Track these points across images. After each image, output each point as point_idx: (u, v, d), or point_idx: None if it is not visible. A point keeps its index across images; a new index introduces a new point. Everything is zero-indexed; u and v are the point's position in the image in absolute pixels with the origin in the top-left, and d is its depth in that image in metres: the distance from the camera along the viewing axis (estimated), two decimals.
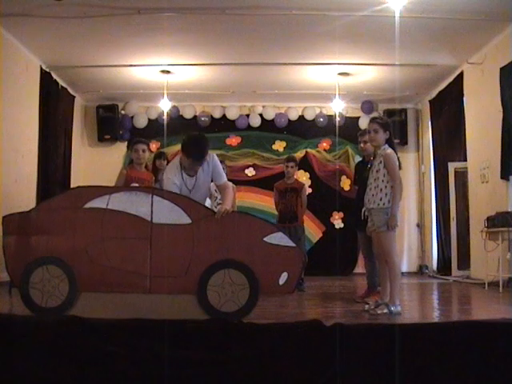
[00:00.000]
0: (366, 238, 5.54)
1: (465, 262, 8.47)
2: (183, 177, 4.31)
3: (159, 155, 6.33)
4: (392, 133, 4.79)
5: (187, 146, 4.29)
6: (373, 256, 5.45)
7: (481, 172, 7.78)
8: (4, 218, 4.06)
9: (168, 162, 6.45)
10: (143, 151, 5.36)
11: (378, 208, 4.58)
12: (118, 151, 10.13)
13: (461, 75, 8.40)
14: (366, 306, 4.74)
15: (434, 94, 9.64)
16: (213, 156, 4.44)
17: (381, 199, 4.58)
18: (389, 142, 4.72)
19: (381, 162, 4.65)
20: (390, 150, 4.65)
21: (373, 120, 4.84)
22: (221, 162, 6.20)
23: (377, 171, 4.66)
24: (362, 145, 5.76)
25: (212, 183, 4.68)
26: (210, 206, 4.82)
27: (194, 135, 4.52)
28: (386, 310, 4.47)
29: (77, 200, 4.00)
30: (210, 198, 5.58)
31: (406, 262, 10.48)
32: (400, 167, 4.73)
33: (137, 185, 5.08)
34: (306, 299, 6.02)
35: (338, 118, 9.76)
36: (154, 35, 7.20)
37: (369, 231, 4.82)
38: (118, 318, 3.10)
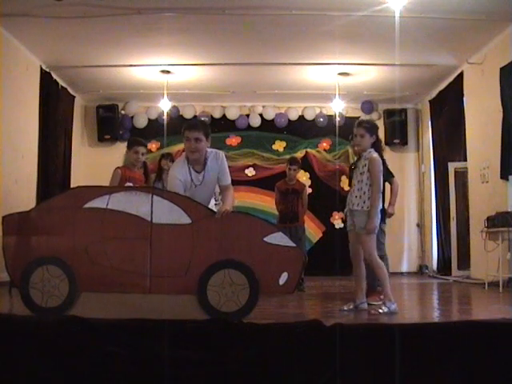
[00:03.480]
0: None
1: (465, 262, 8.47)
2: (190, 172, 4.24)
3: (166, 156, 6.43)
4: (378, 136, 4.83)
5: (184, 125, 4.30)
6: None
7: (481, 172, 7.77)
8: (4, 217, 4.06)
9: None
10: (142, 154, 5.40)
11: (362, 210, 4.63)
12: (117, 151, 10.09)
13: (461, 75, 8.40)
14: (345, 307, 4.75)
15: (434, 94, 9.64)
16: (222, 154, 4.37)
17: (364, 202, 4.63)
18: (375, 146, 4.75)
19: (365, 165, 4.68)
20: (375, 155, 4.67)
21: (359, 124, 4.85)
22: None
23: (361, 174, 4.69)
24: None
25: None
26: (213, 206, 4.79)
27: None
28: (385, 309, 4.48)
29: (77, 200, 4.00)
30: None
31: (406, 261, 10.49)
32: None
33: (131, 184, 5.10)
34: (305, 299, 6.02)
35: (337, 118, 9.76)
36: (154, 35, 7.19)
37: (348, 230, 4.88)
38: (118, 318, 3.10)
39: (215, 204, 5.53)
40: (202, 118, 10.23)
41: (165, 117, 9.64)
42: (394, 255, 4.93)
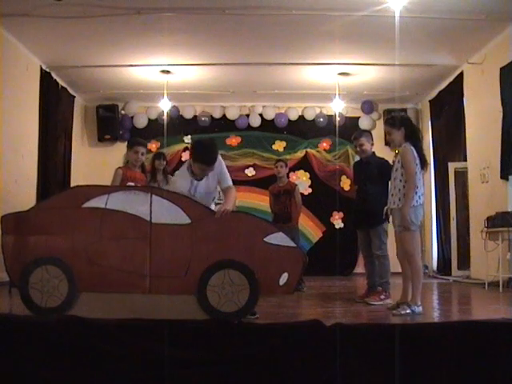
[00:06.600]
0: (366, 238, 5.55)
1: (465, 262, 8.47)
2: (192, 182, 4.24)
3: (158, 156, 6.32)
4: (410, 127, 4.66)
5: (197, 152, 4.22)
6: (372, 256, 5.46)
7: (481, 172, 7.77)
8: (3, 217, 4.05)
9: (167, 163, 6.45)
10: (142, 154, 5.38)
11: (398, 208, 4.54)
12: (117, 151, 10.09)
13: (461, 75, 8.40)
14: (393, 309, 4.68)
15: (433, 94, 9.63)
16: (220, 159, 4.35)
17: (399, 199, 4.53)
18: (409, 137, 4.60)
19: (398, 161, 4.60)
20: (406, 147, 4.55)
21: (384, 122, 4.83)
22: None
23: (396, 170, 4.62)
24: (357, 148, 5.75)
25: None
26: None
27: (204, 140, 4.50)
28: (408, 311, 4.43)
29: (75, 199, 3.99)
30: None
31: None
32: (426, 166, 4.62)
33: (132, 184, 5.09)
34: (305, 299, 6.01)
35: (338, 118, 9.75)
36: (154, 35, 7.19)
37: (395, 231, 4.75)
38: (118, 318, 3.10)
39: (216, 204, 5.53)
40: (203, 118, 10.27)
41: (165, 117, 9.63)
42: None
